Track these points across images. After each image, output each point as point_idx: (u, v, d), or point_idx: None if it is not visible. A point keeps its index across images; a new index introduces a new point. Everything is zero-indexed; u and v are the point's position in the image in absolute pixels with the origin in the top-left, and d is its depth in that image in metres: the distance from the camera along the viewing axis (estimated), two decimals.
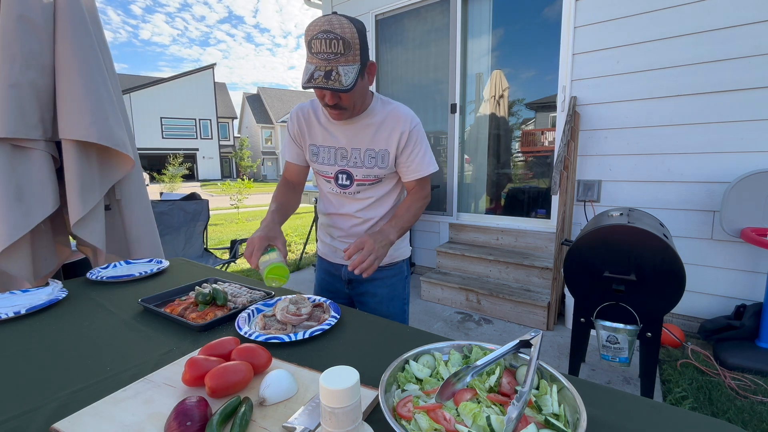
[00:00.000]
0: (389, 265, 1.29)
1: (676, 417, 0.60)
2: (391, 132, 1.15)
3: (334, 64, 0.96)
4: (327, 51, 0.95)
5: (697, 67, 2.45)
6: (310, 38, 0.96)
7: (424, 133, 1.20)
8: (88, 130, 1.44)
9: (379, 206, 1.25)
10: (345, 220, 1.27)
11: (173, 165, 19.99)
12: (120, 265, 1.46)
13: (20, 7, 1.31)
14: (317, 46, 0.95)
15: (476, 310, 3.04)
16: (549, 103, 3.32)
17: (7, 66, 1.30)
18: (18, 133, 1.32)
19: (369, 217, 1.25)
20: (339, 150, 1.19)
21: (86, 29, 1.46)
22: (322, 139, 1.21)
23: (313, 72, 0.97)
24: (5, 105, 1.30)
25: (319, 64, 0.97)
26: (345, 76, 0.97)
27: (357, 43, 0.98)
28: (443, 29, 3.56)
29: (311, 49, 0.97)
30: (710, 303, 2.56)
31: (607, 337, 1.71)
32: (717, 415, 1.77)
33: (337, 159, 1.19)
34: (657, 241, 1.56)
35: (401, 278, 1.33)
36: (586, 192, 2.90)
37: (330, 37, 0.94)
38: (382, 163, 1.17)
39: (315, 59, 0.97)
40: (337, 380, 0.42)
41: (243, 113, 37.09)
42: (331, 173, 1.21)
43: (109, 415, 0.59)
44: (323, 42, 0.94)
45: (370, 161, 1.17)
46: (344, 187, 1.21)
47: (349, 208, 1.24)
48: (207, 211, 3.72)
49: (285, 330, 0.90)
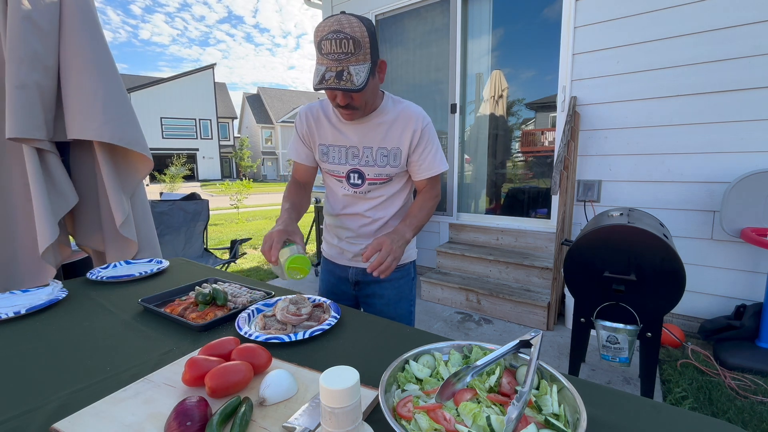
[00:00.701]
0: (397, 267, 1.27)
1: (676, 417, 0.60)
2: (403, 130, 1.15)
3: (345, 64, 0.96)
4: (338, 51, 0.95)
5: (697, 67, 2.45)
6: (320, 39, 0.95)
7: (435, 131, 1.20)
8: (99, 130, 1.46)
9: (390, 206, 1.24)
10: (354, 220, 1.26)
11: (176, 165, 20.01)
12: (120, 265, 1.46)
13: (26, 9, 1.32)
14: (327, 46, 0.95)
15: (476, 310, 3.04)
16: (549, 103, 3.32)
17: (14, 67, 1.31)
18: (26, 133, 1.34)
19: (378, 217, 1.24)
20: (350, 149, 1.18)
21: (94, 28, 1.48)
22: (332, 138, 1.20)
23: (324, 73, 0.97)
24: (14, 106, 1.32)
25: (330, 65, 0.96)
26: (356, 75, 0.96)
27: (367, 41, 0.97)
28: (443, 29, 3.56)
29: (321, 50, 0.96)
30: (710, 303, 2.56)
31: (607, 337, 1.71)
32: (717, 415, 1.77)
33: (348, 158, 1.19)
34: (657, 241, 1.56)
35: (408, 280, 1.33)
36: (586, 192, 2.90)
37: (340, 37, 0.94)
38: (394, 161, 1.16)
39: (326, 60, 0.97)
40: (337, 380, 0.42)
41: (243, 113, 37.10)
42: (343, 173, 1.21)
43: (109, 415, 0.59)
44: (333, 42, 0.94)
45: (383, 160, 1.16)
46: (356, 186, 1.21)
47: (359, 207, 1.23)
48: (207, 211, 3.72)
49: (285, 330, 0.90)
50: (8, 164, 1.48)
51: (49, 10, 1.38)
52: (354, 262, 1.30)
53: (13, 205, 1.50)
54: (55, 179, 1.47)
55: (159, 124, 26.20)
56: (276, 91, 36.47)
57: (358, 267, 1.29)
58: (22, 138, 1.34)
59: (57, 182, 1.47)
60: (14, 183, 1.49)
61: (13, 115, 1.31)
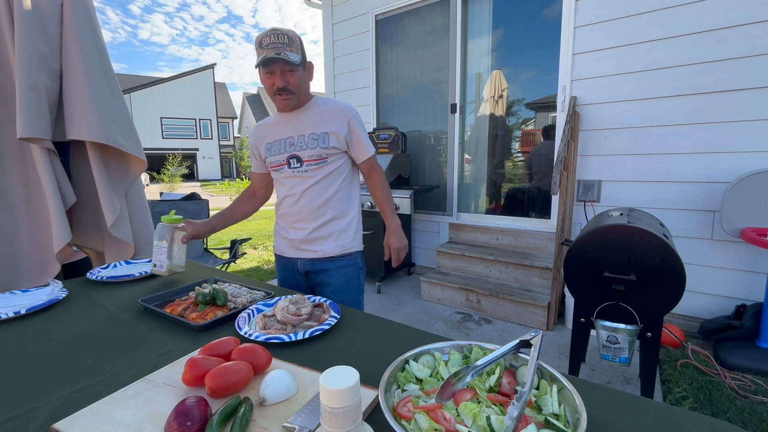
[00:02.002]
0: (341, 256, 1.41)
1: (676, 417, 0.60)
2: (331, 118, 1.33)
3: (282, 50, 1.18)
4: (275, 42, 1.18)
5: (697, 67, 2.45)
6: (261, 38, 1.19)
7: (362, 121, 1.42)
8: (96, 131, 1.47)
9: (327, 187, 1.37)
10: (300, 200, 1.37)
11: (172, 165, 19.92)
12: (120, 265, 1.46)
13: (33, 10, 1.34)
14: (267, 40, 1.18)
15: (476, 310, 3.04)
16: (549, 103, 3.32)
17: (25, 68, 1.33)
18: (37, 133, 1.35)
19: (318, 196, 1.36)
20: (287, 139, 1.36)
21: (93, 30, 1.49)
22: (273, 135, 1.39)
23: (265, 55, 1.18)
24: (26, 106, 1.33)
25: (269, 52, 1.17)
26: (292, 57, 1.19)
27: (299, 42, 1.24)
28: (443, 29, 3.56)
29: (262, 45, 1.19)
30: (710, 303, 2.56)
31: (607, 337, 1.71)
32: (717, 415, 1.77)
33: (286, 147, 1.36)
34: (657, 241, 1.56)
35: (355, 269, 1.45)
36: (586, 192, 2.90)
37: (277, 32, 1.19)
38: (323, 143, 1.32)
39: (265, 50, 1.18)
40: (337, 380, 0.42)
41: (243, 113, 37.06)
42: (283, 160, 1.37)
43: (109, 415, 0.59)
44: (272, 36, 1.18)
45: (313, 143, 1.33)
46: (295, 168, 1.36)
47: (300, 187, 1.36)
48: (207, 211, 3.72)
49: (285, 330, 0.90)
50: (8, 164, 1.48)
51: (54, 10, 1.39)
52: (300, 253, 1.41)
53: (13, 205, 1.50)
54: (59, 180, 1.48)
55: (159, 124, 26.17)
56: None
57: (306, 258, 1.41)
58: (33, 138, 1.35)
59: (60, 183, 1.48)
60: (14, 183, 1.49)
61: (27, 115, 1.33)
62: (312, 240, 1.38)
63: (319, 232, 1.38)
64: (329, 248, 1.39)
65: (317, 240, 1.38)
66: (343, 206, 1.40)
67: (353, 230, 1.43)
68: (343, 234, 1.40)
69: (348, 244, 1.41)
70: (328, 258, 1.39)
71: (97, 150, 1.53)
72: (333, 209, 1.38)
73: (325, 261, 1.39)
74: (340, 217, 1.40)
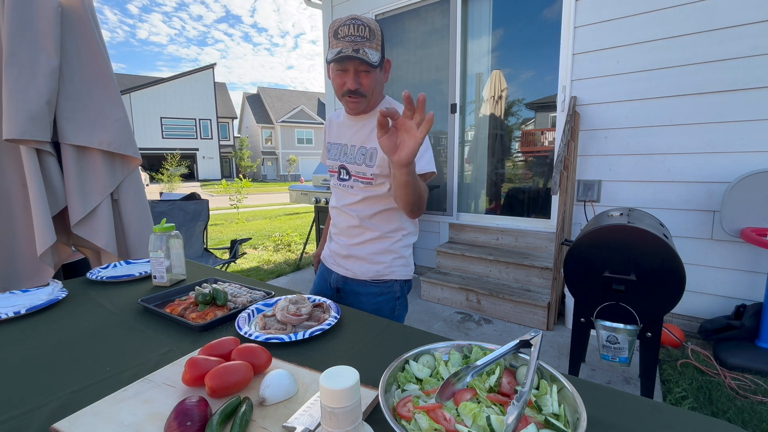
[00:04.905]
0: (374, 282, 1.24)
1: (676, 417, 0.60)
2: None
3: (361, 45, 1.01)
4: (354, 34, 1.01)
5: (697, 67, 2.45)
6: (338, 26, 1.02)
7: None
8: (89, 137, 1.48)
9: (372, 205, 1.21)
10: (341, 214, 1.29)
11: (171, 164, 19.86)
12: (120, 265, 1.46)
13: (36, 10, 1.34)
14: (345, 30, 1.01)
15: (476, 310, 3.04)
16: (549, 103, 3.32)
17: (14, 69, 1.33)
18: (35, 135, 1.36)
19: (359, 215, 1.23)
20: (343, 146, 1.25)
21: (91, 32, 1.48)
22: (335, 136, 1.29)
23: (341, 49, 1.01)
24: (26, 108, 1.33)
25: (345, 46, 1.01)
26: (371, 55, 1.02)
27: (380, 35, 1.06)
28: (443, 29, 3.56)
29: (338, 35, 1.02)
30: (710, 303, 2.56)
31: (607, 337, 1.71)
32: (717, 415, 1.77)
33: (340, 155, 1.26)
34: (657, 241, 1.56)
35: (390, 298, 1.26)
36: (586, 192, 2.90)
37: (357, 23, 1.01)
38: (369, 161, 1.17)
39: (342, 42, 1.01)
40: (337, 380, 0.42)
41: (243, 113, 37.07)
42: (335, 168, 1.27)
43: (108, 415, 0.59)
44: (351, 26, 1.01)
45: (360, 158, 1.19)
46: (343, 181, 1.26)
47: (344, 200, 1.27)
48: (207, 211, 3.72)
49: (285, 330, 0.89)
50: (6, 164, 1.48)
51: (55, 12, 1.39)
52: (335, 267, 1.32)
53: (12, 205, 1.50)
54: (51, 180, 1.47)
55: (159, 124, 26.19)
56: (276, 91, 36.44)
57: (338, 273, 1.31)
58: (20, 139, 1.35)
59: (52, 184, 1.48)
60: (13, 183, 1.49)
61: (27, 117, 1.33)
62: (346, 257, 1.27)
63: (354, 251, 1.25)
64: (361, 270, 1.25)
65: (351, 258, 1.26)
66: (385, 228, 1.23)
67: (393, 256, 1.25)
68: (379, 257, 1.23)
69: (383, 270, 1.24)
70: (359, 281, 1.26)
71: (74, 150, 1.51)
72: (372, 230, 1.23)
73: (357, 283, 1.26)
74: (378, 240, 1.23)
